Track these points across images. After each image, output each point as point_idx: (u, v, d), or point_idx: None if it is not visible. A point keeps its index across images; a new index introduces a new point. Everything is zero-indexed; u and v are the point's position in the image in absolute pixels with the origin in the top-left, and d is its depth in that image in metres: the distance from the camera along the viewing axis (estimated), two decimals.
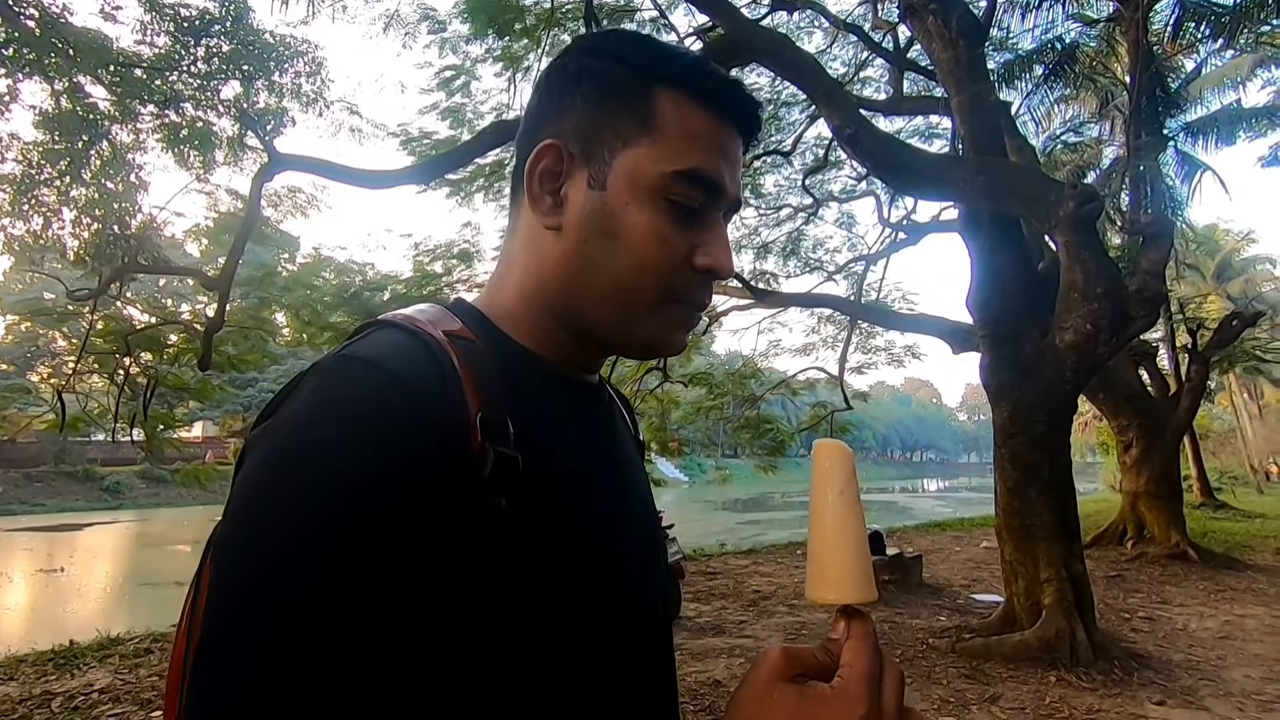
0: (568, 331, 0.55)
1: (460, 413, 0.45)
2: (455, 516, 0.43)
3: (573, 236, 0.52)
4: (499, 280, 0.58)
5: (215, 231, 10.87)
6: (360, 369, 0.45)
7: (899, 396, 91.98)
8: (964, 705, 3.90)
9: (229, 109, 8.26)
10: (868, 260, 11.84)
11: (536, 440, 0.48)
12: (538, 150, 0.53)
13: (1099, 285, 4.33)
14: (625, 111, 0.52)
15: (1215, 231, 27.72)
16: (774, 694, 0.41)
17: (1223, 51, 13.01)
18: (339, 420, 0.42)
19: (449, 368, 0.47)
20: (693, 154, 0.52)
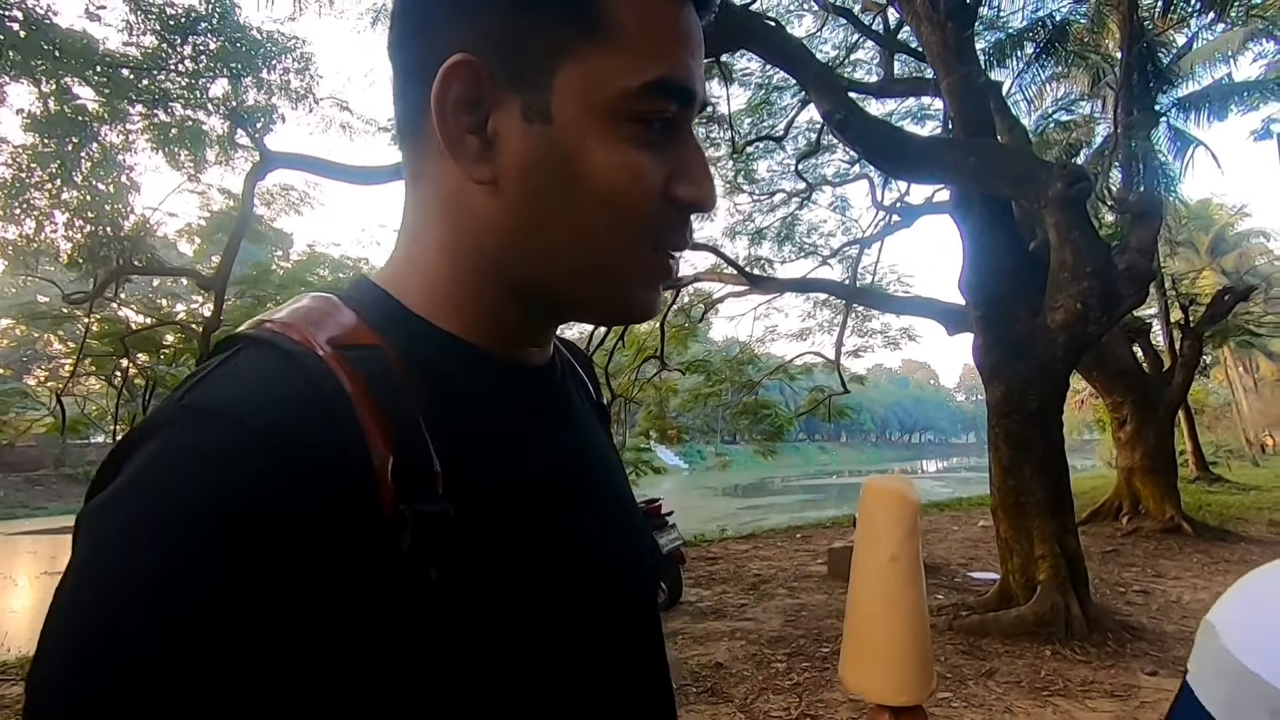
0: (516, 304, 0.43)
1: (360, 470, 0.33)
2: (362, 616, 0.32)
3: (515, 190, 0.39)
4: (408, 250, 0.44)
5: (208, 230, 10.87)
6: (206, 430, 0.33)
7: (896, 379, 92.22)
8: (961, 680, 3.98)
9: (218, 107, 8.23)
10: (862, 243, 11.86)
11: (475, 467, 0.38)
12: (445, 71, 0.38)
13: (1088, 264, 4.38)
14: (559, 7, 0.38)
15: (1209, 207, 27.74)
16: None
17: (1213, 26, 12.96)
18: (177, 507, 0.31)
19: (340, 405, 0.34)
20: (660, 55, 0.39)
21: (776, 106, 10.92)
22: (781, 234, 12.31)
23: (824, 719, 3.55)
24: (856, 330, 12.80)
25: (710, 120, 10.57)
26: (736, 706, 3.72)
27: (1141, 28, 10.09)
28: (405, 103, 0.42)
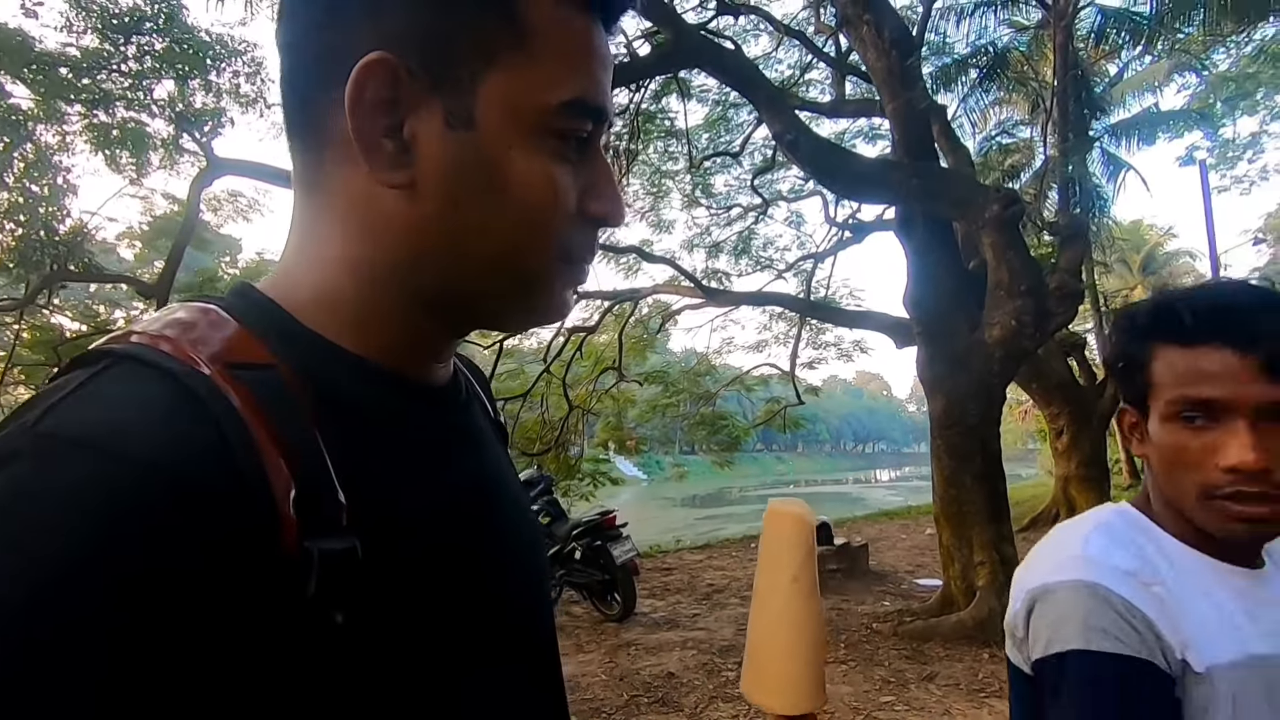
0: (425, 316, 0.41)
1: (259, 506, 0.30)
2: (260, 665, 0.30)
3: (435, 196, 0.38)
4: (299, 256, 0.41)
5: (151, 236, 10.50)
6: (70, 463, 0.28)
7: (851, 390, 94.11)
8: (903, 684, 4.10)
9: (163, 109, 8.00)
10: (816, 258, 12.14)
11: (380, 495, 0.36)
12: (360, 69, 0.35)
13: (1022, 283, 4.60)
14: (488, 15, 0.37)
15: (1140, 227, 29.23)
16: None
17: (1142, 57, 13.69)
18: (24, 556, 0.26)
19: (233, 432, 0.31)
20: (579, 73, 0.39)
21: (733, 123, 11.14)
22: (738, 247, 12.53)
23: None
24: (811, 343, 13.06)
25: (669, 134, 10.74)
26: (687, 715, 3.76)
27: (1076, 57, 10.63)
28: (301, 98, 0.39)
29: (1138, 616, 0.64)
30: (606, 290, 10.46)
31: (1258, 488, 0.64)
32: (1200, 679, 0.64)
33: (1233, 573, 0.70)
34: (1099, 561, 0.68)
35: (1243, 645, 0.65)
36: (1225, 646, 0.65)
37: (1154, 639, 0.64)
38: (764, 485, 42.49)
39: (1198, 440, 0.67)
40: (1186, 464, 0.68)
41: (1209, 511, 0.67)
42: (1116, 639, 0.63)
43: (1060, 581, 0.68)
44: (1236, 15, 7.02)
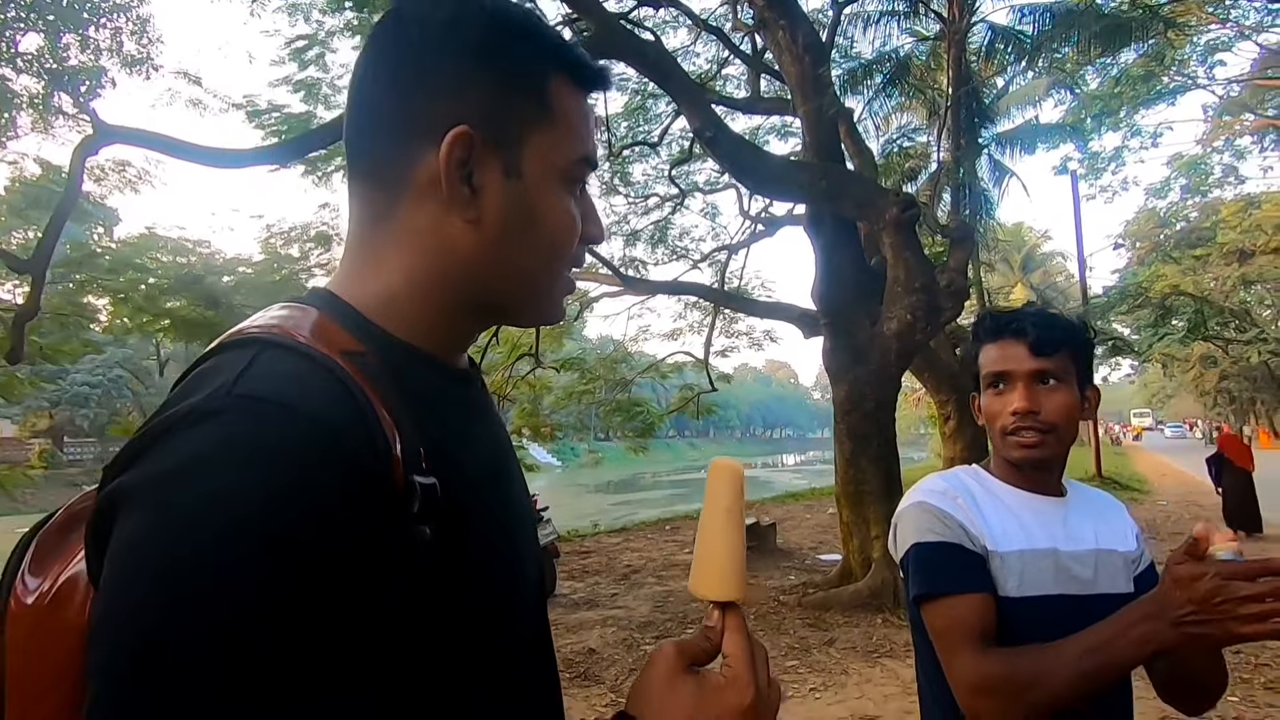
0: (467, 315, 0.54)
1: (384, 451, 0.42)
2: (385, 556, 0.41)
3: (494, 227, 0.50)
4: (369, 271, 0.52)
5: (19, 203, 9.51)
6: (271, 416, 0.39)
7: (760, 378, 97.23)
8: (806, 650, 4.44)
9: (30, 64, 7.29)
10: (730, 249, 12.46)
11: (444, 451, 0.47)
12: (454, 137, 0.48)
13: (917, 280, 5.01)
14: (530, 97, 0.51)
15: (1022, 229, 31.76)
16: (676, 684, 0.47)
17: (1025, 73, 14.82)
18: (258, 476, 0.37)
19: (362, 400, 0.42)
20: (584, 138, 0.54)
21: (652, 113, 11.24)
22: (655, 237, 12.66)
23: None
24: (724, 331, 13.39)
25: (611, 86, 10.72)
26: (608, 688, 3.93)
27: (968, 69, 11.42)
28: (381, 150, 0.51)
29: (948, 517, 1.00)
30: None
31: (1028, 424, 1.00)
32: (999, 558, 0.98)
33: (1034, 498, 1.04)
34: (925, 489, 1.06)
35: (1029, 540, 1.00)
36: (1015, 539, 0.99)
37: (961, 531, 0.99)
38: (677, 471, 43.32)
39: (999, 400, 1.04)
40: (995, 415, 1.04)
41: (1006, 446, 1.03)
42: (936, 532, 0.99)
43: (904, 508, 1.07)
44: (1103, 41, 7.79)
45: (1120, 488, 14.05)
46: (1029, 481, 1.05)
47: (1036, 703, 0.87)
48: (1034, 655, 0.89)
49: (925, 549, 0.99)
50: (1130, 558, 1.04)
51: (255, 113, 8.30)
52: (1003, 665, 0.90)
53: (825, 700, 3.68)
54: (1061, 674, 0.85)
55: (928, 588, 0.97)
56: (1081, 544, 1.01)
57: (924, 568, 0.99)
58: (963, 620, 0.93)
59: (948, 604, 0.95)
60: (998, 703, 0.90)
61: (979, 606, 0.94)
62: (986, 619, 0.94)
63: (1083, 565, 1.00)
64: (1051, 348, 1.01)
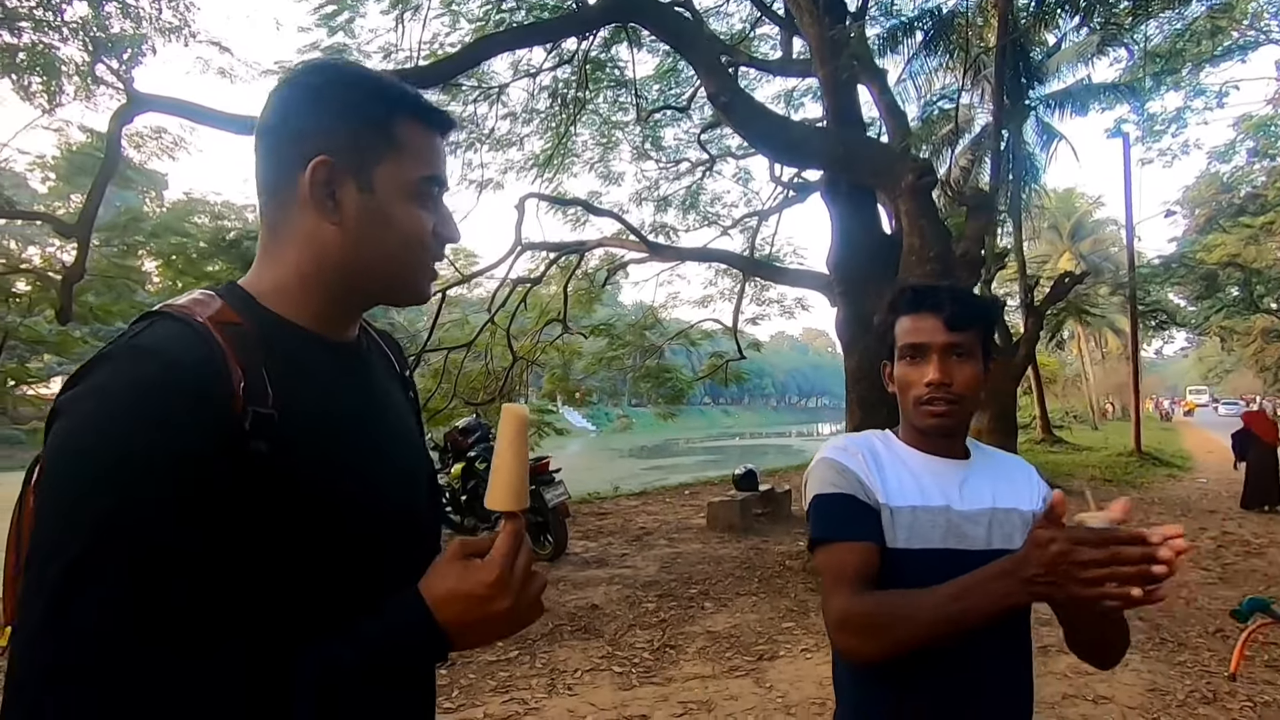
0: (340, 299, 0.72)
1: (226, 385, 0.59)
2: (226, 458, 0.58)
3: (352, 228, 0.69)
4: (269, 265, 0.71)
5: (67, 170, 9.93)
6: (146, 359, 0.59)
7: (797, 345, 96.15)
8: (804, 612, 4.54)
9: (76, 33, 7.53)
10: (761, 215, 12.28)
11: (293, 395, 0.64)
12: (314, 165, 0.67)
13: (932, 249, 4.92)
14: (378, 132, 0.70)
15: (1072, 195, 30.44)
16: (450, 565, 0.66)
17: (1079, 29, 14.03)
18: (133, 402, 0.56)
19: (216, 349, 0.61)
20: (428, 164, 0.72)
21: (683, 75, 11.02)
22: (686, 202, 12.53)
23: (681, 647, 3.99)
24: (755, 299, 13.27)
25: (618, 84, 10.60)
26: (606, 641, 4.10)
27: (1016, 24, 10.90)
28: (275, 176, 0.70)
29: (846, 471, 1.07)
30: (552, 242, 10.37)
31: (940, 394, 1.05)
32: (890, 511, 1.04)
33: (935, 460, 1.10)
34: (831, 446, 1.13)
35: (924, 498, 1.06)
36: (910, 496, 1.06)
37: (858, 484, 1.06)
38: (710, 438, 43.47)
39: (914, 370, 1.08)
40: (908, 385, 1.09)
41: (919, 415, 1.08)
42: (833, 484, 1.06)
43: (812, 464, 1.14)
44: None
45: (1158, 464, 13.66)
46: (932, 446, 1.10)
47: (897, 639, 0.93)
48: (900, 597, 0.95)
49: (823, 499, 1.06)
50: (1030, 515, 1.08)
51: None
52: (869, 603, 0.96)
53: (815, 660, 3.78)
54: (922, 616, 0.91)
55: (819, 533, 1.04)
56: (976, 504, 1.07)
57: (819, 516, 1.06)
58: (843, 563, 0.99)
59: (834, 549, 1.01)
60: (859, 639, 0.96)
61: (861, 553, 1.00)
62: (867, 564, 1.00)
63: (974, 524, 1.05)
64: (964, 323, 1.06)
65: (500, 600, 0.65)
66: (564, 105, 10.23)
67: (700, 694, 3.39)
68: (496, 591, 0.65)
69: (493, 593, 0.64)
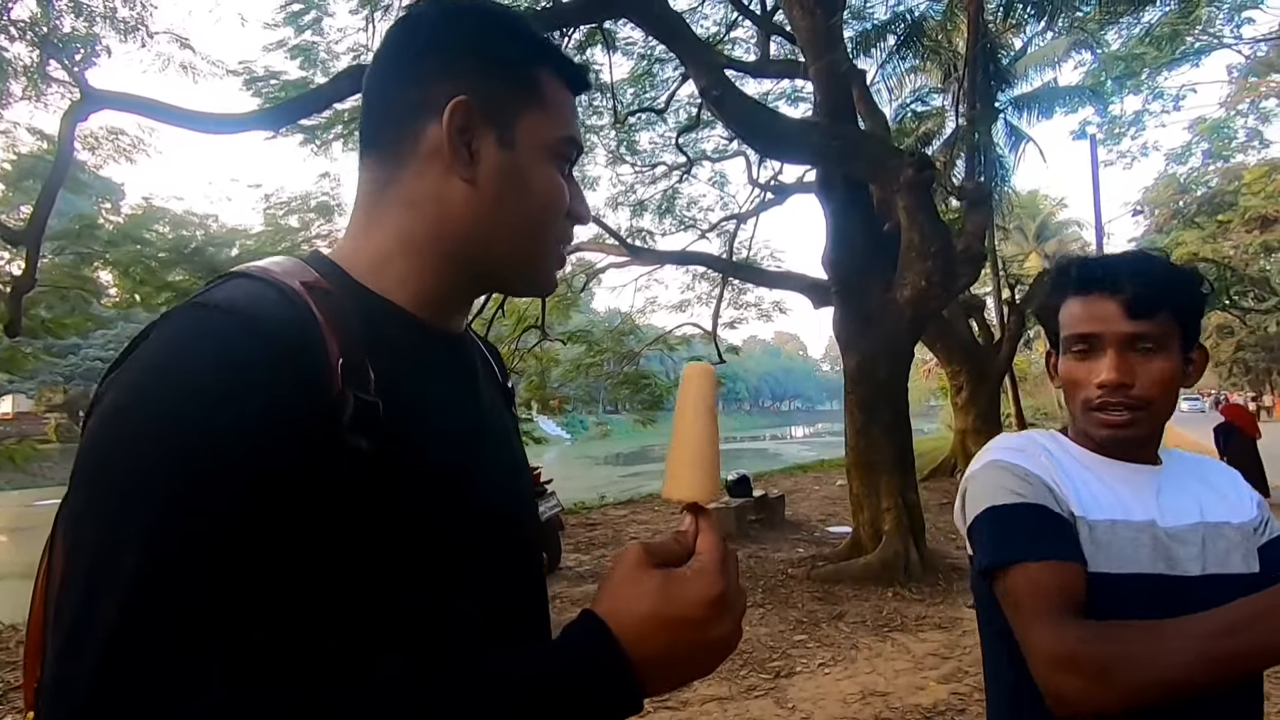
0: (451, 278, 0.59)
1: (320, 358, 0.47)
2: (316, 457, 0.45)
3: (488, 187, 0.56)
4: (367, 233, 0.58)
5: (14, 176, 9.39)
6: (215, 316, 0.46)
7: (769, 349, 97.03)
8: (815, 623, 4.37)
9: (24, 32, 7.11)
10: (739, 219, 12.23)
11: (397, 386, 0.51)
12: (454, 106, 0.55)
13: (932, 245, 4.82)
14: (523, 80, 0.58)
15: (1036, 197, 31.15)
16: (641, 577, 0.47)
17: (1044, 33, 14.29)
18: (195, 367, 0.44)
19: (306, 315, 0.48)
20: (569, 123, 0.61)
21: (659, 78, 10.93)
22: (662, 206, 12.43)
23: None
24: (732, 303, 13.21)
25: (594, 88, 10.45)
26: None
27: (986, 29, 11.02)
28: (393, 122, 0.58)
29: (1031, 476, 0.86)
30: None
31: (1117, 399, 0.84)
32: (1088, 526, 0.84)
33: (1123, 466, 0.89)
34: (999, 448, 0.92)
35: (1124, 511, 0.85)
36: (1107, 507, 0.85)
37: (1046, 491, 0.84)
38: None
39: (1083, 367, 0.87)
40: (1077, 385, 0.88)
41: (1090, 422, 0.88)
42: (1016, 493, 0.84)
43: (975, 470, 0.92)
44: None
45: None
46: (1117, 449, 0.89)
47: (1139, 685, 0.70)
48: (1140, 630, 0.73)
49: (1002, 512, 0.84)
50: (1249, 528, 0.88)
51: (251, 79, 8.08)
52: (1100, 637, 0.73)
53: (834, 675, 3.60)
54: (1179, 655, 0.69)
55: (1009, 553, 0.81)
56: (1183, 518, 0.85)
57: (1002, 531, 0.83)
58: (1047, 588, 0.77)
59: (1032, 570, 0.79)
60: (1085, 681, 0.72)
61: (1068, 574, 0.78)
62: (1075, 589, 0.78)
63: (1185, 543, 0.84)
64: (1151, 308, 0.83)
65: (722, 623, 0.48)
66: None
67: (719, 717, 3.19)
68: (718, 612, 0.47)
69: (713, 614, 0.47)
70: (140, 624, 0.39)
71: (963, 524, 0.91)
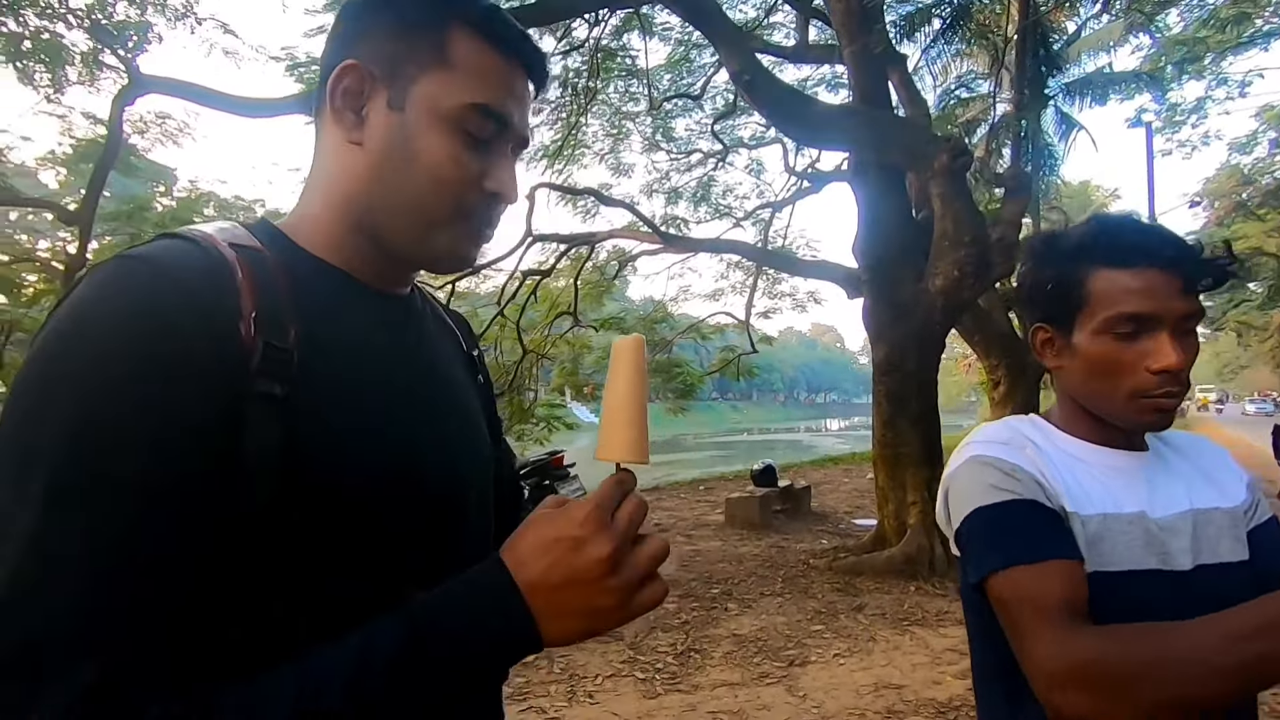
0: (370, 243, 0.59)
1: (232, 308, 0.48)
2: (220, 397, 0.46)
3: (374, 151, 0.56)
4: (304, 197, 0.60)
5: (73, 160, 9.79)
6: (131, 264, 0.48)
7: (806, 341, 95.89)
8: (834, 615, 4.33)
9: (81, 20, 7.37)
10: (774, 207, 12.09)
11: (316, 338, 0.52)
12: (339, 69, 0.56)
13: (967, 234, 4.70)
14: (424, 42, 0.56)
15: (1088, 188, 30.03)
16: (533, 518, 0.51)
17: (1100, 15, 13.71)
18: (113, 309, 0.45)
19: (224, 268, 0.50)
20: (485, 90, 0.57)
21: (695, 64, 10.83)
22: (698, 194, 12.36)
23: (707, 652, 3.79)
24: (767, 292, 13.09)
25: (630, 74, 10.40)
26: (626, 645, 3.91)
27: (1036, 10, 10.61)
28: (321, 87, 0.59)
29: (1018, 470, 0.78)
30: (563, 233, 10.22)
31: (1175, 385, 0.76)
32: (1079, 521, 0.78)
33: (1110, 454, 0.83)
34: (980, 441, 0.84)
35: (1114, 503, 0.79)
36: (1096, 500, 0.79)
37: (1035, 485, 0.77)
38: (720, 433, 43.30)
39: (1130, 349, 0.77)
40: (1119, 370, 0.78)
41: (1136, 410, 0.78)
42: (1004, 490, 0.77)
43: (956, 468, 0.83)
44: None
45: None
46: (1104, 435, 0.83)
47: (1156, 700, 0.62)
48: (1155, 636, 0.65)
49: (990, 512, 0.76)
50: (1239, 511, 0.83)
51: (294, 65, 8.27)
52: (1107, 644, 0.66)
53: (849, 666, 3.58)
54: (1205, 661, 0.61)
55: (1002, 557, 0.73)
56: (1172, 506, 0.80)
57: (992, 533, 0.76)
58: (1047, 592, 0.70)
59: (1027, 573, 0.72)
60: (1095, 696, 0.64)
61: (1068, 576, 0.72)
62: (1078, 591, 0.71)
63: (1176, 534, 0.79)
64: (1198, 284, 0.77)
65: (596, 544, 0.48)
66: (575, 95, 10.05)
67: (730, 703, 3.20)
68: (590, 531, 0.48)
69: (585, 533, 0.48)
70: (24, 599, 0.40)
71: (947, 526, 0.85)
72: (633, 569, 0.49)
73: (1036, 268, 0.85)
